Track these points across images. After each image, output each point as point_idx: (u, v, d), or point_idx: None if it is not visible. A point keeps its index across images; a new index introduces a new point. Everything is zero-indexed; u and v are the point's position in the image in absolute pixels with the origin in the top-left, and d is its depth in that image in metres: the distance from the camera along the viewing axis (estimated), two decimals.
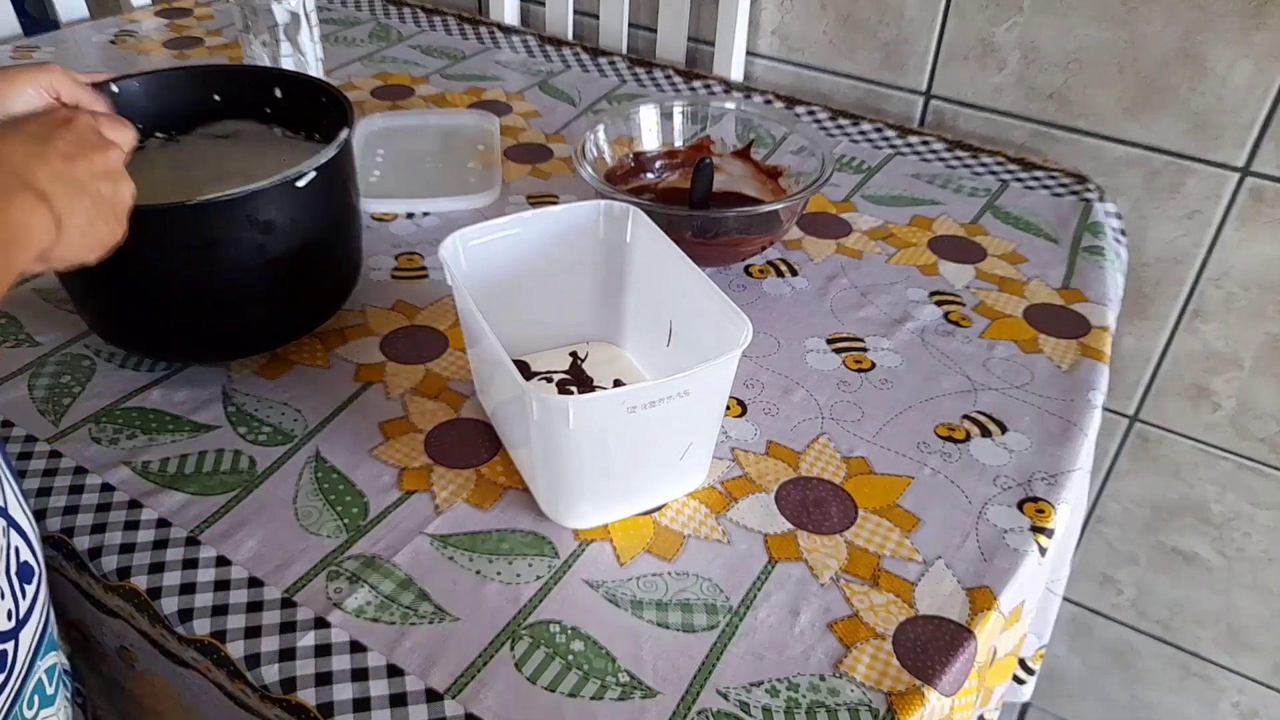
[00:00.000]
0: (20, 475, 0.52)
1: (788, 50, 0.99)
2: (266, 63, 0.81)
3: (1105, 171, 0.87)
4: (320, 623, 0.46)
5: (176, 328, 0.59)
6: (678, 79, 1.00)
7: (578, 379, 0.61)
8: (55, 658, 0.47)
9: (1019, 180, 0.86)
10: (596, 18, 1.08)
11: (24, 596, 0.43)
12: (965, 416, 0.60)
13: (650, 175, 0.79)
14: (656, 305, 0.59)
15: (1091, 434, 0.61)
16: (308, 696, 0.43)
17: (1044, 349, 0.66)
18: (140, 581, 0.48)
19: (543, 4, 1.11)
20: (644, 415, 0.47)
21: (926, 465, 0.57)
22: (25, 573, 0.44)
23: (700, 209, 0.70)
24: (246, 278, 0.56)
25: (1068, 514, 0.56)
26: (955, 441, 0.58)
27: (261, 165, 0.62)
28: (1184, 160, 0.83)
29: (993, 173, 0.87)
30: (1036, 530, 0.53)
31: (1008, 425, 0.60)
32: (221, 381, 0.61)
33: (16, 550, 0.43)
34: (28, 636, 0.43)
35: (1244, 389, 0.89)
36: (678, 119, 0.79)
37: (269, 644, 0.46)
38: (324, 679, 0.44)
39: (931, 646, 0.46)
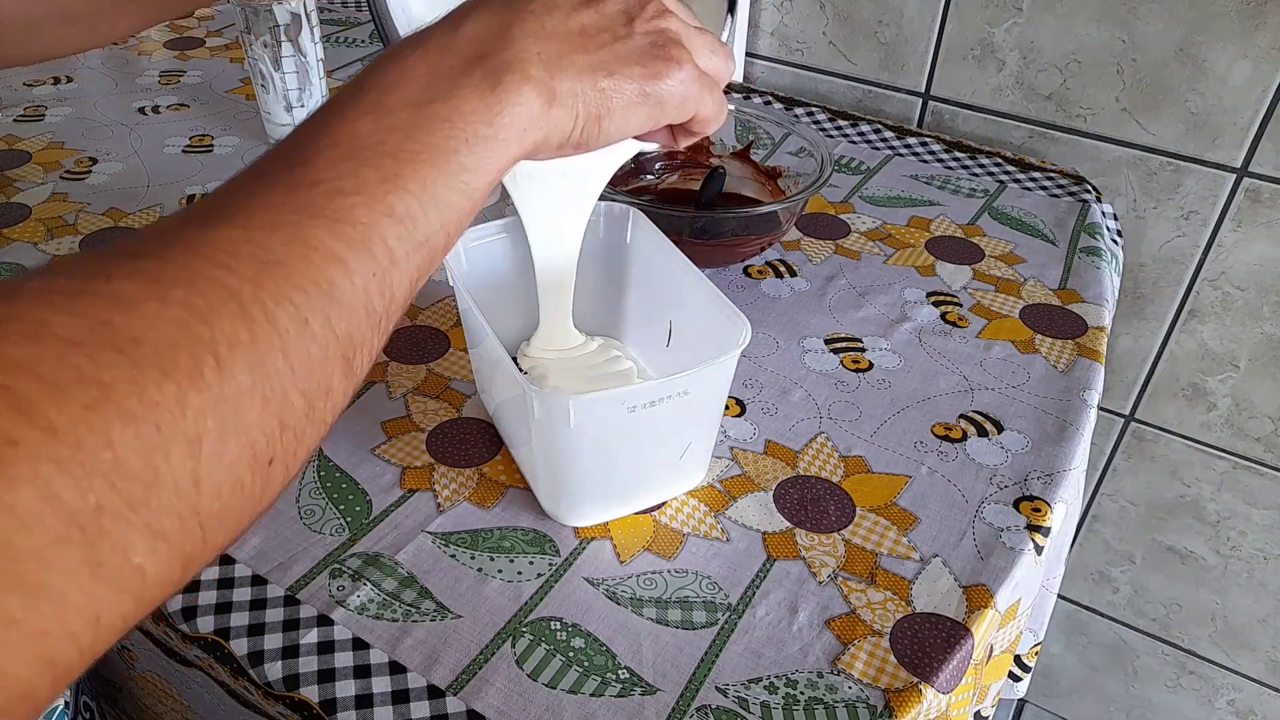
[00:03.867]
0: None
1: (787, 51, 0.99)
2: (267, 64, 0.82)
3: (1103, 172, 0.87)
4: (323, 620, 0.47)
5: None
6: None
7: None
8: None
9: (1017, 181, 0.86)
10: None
11: None
12: (962, 416, 0.61)
13: (650, 176, 0.79)
14: (656, 306, 0.59)
15: (1087, 434, 0.61)
16: (310, 693, 0.44)
17: (1040, 349, 0.67)
18: None
19: None
20: (644, 415, 0.47)
21: (924, 464, 0.57)
22: None
23: (706, 213, 0.71)
24: None
25: (1064, 513, 0.56)
26: (952, 441, 0.59)
27: None
28: (1182, 161, 0.83)
29: (990, 174, 0.87)
30: (1033, 529, 0.53)
31: (1004, 425, 0.60)
32: None
33: None
34: None
35: (1240, 389, 0.89)
36: None
37: (272, 641, 0.46)
38: (326, 676, 0.45)
39: (928, 644, 0.47)
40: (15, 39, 0.50)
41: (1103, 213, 0.83)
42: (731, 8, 0.50)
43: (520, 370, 0.50)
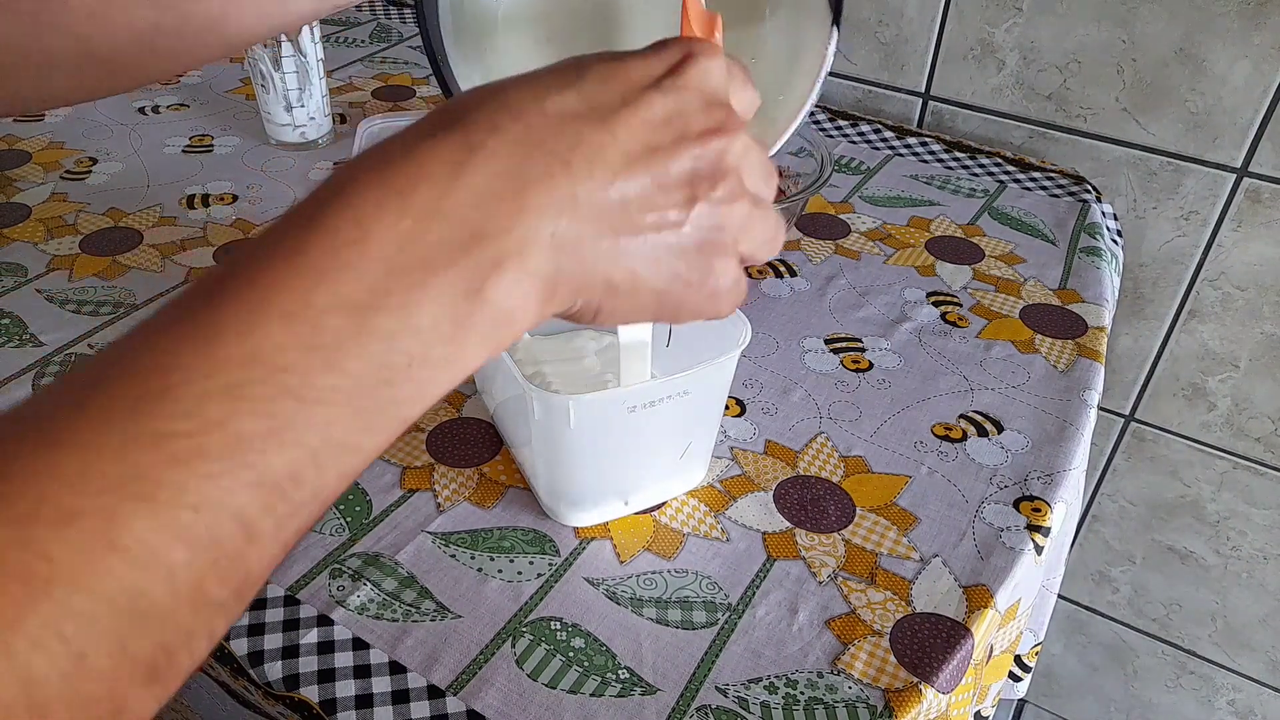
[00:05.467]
0: None
1: None
2: (267, 63, 0.82)
3: (1103, 172, 0.87)
4: (323, 620, 0.47)
5: None
6: None
7: None
8: None
9: (1017, 181, 0.86)
10: None
11: None
12: (962, 416, 0.61)
13: None
14: None
15: (1087, 434, 0.61)
16: (310, 693, 0.44)
17: (1040, 349, 0.67)
18: None
19: None
20: (644, 415, 0.47)
21: (924, 464, 0.57)
22: None
23: None
24: None
25: (1064, 513, 0.56)
26: (952, 441, 0.59)
27: None
28: (1181, 161, 0.83)
29: (990, 174, 0.87)
30: (1033, 529, 0.53)
31: (1004, 425, 0.60)
32: None
33: None
34: None
35: (1240, 389, 0.89)
36: None
37: (272, 641, 0.46)
38: (326, 676, 0.45)
39: (928, 644, 0.47)
40: (30, 80, 0.43)
41: (1103, 213, 0.83)
42: (836, 18, 0.41)
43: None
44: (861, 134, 0.92)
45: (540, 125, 0.26)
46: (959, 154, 0.89)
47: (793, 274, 0.73)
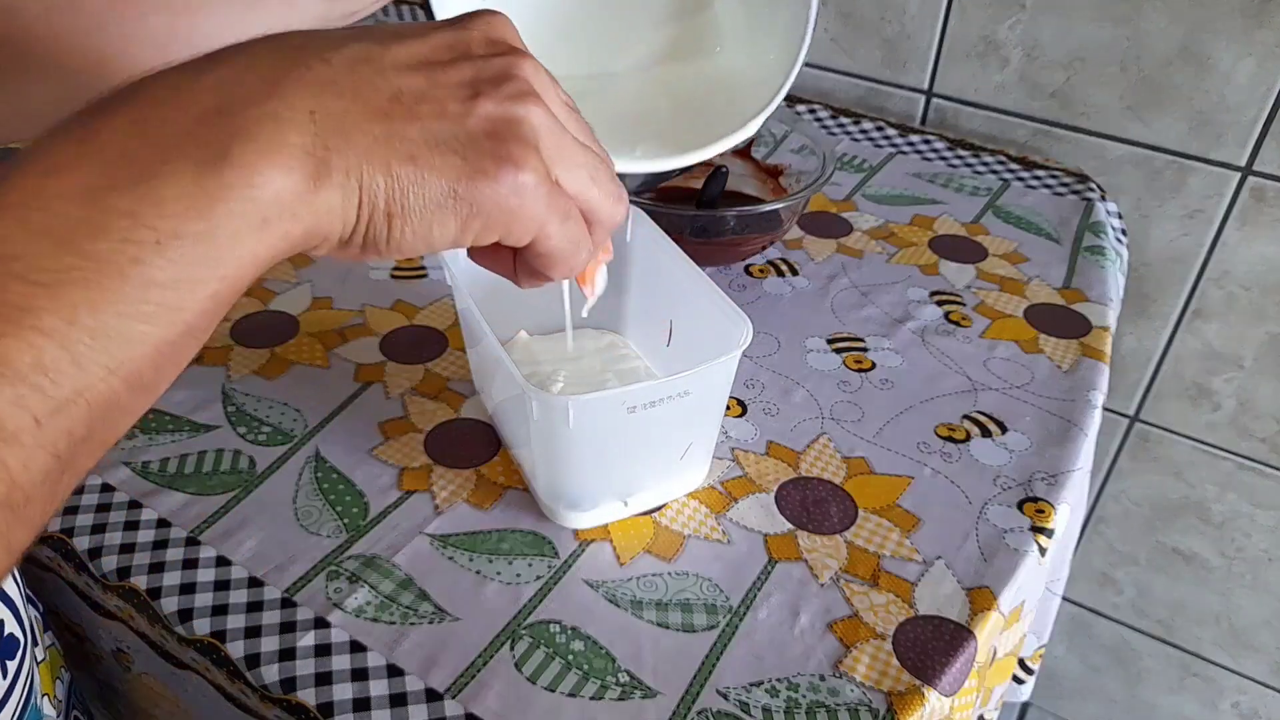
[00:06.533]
0: None
1: None
2: None
3: (1107, 171, 0.87)
4: (320, 623, 0.46)
5: None
6: None
7: None
8: None
9: (1020, 179, 0.86)
10: None
11: (4, 675, 0.40)
12: (965, 416, 0.60)
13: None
14: (657, 305, 0.59)
15: (1092, 434, 0.61)
16: (307, 696, 0.44)
17: (1044, 349, 0.66)
18: (140, 581, 0.48)
19: None
20: (644, 415, 0.47)
21: (927, 465, 0.56)
22: (8, 648, 0.40)
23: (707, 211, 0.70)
24: None
25: (1068, 514, 0.56)
26: (955, 441, 0.58)
27: None
28: (1186, 159, 0.83)
29: (994, 172, 0.87)
30: (1036, 530, 0.53)
31: (1008, 425, 0.60)
32: (221, 381, 0.61)
33: (1, 623, 0.40)
34: (6, 715, 0.40)
35: (1244, 389, 0.89)
36: None
37: (269, 644, 0.46)
38: (324, 679, 0.44)
39: (931, 646, 0.46)
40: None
41: (1107, 211, 0.83)
42: None
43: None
44: (864, 131, 0.92)
45: (299, 40, 0.26)
46: (962, 152, 0.89)
47: (795, 273, 0.73)
